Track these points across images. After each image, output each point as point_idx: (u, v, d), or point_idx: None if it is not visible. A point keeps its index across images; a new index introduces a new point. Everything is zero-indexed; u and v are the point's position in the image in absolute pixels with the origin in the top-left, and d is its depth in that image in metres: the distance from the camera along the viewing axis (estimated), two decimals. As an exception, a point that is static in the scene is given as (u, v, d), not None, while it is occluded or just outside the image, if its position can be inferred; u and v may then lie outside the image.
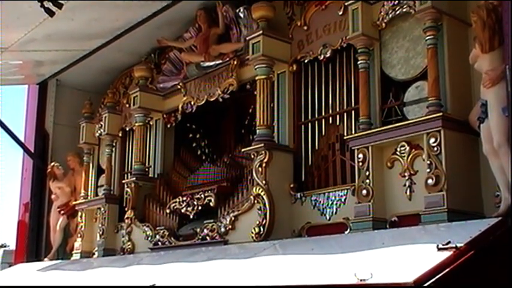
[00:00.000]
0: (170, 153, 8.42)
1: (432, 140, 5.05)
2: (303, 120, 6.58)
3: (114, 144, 9.01)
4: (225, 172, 7.12)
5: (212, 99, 7.52)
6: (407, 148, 5.34)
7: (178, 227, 7.39)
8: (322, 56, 6.36)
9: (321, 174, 6.28)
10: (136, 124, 8.33)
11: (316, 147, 6.41)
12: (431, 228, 4.78)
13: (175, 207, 7.40)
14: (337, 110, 6.28)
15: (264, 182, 6.26)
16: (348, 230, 5.69)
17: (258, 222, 6.22)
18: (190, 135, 8.67)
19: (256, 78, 6.65)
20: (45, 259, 9.51)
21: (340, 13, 6.20)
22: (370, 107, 5.73)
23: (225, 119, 8.52)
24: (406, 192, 5.31)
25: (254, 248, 5.83)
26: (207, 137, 8.70)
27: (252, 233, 6.23)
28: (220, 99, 7.44)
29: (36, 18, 7.46)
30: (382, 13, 5.76)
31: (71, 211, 9.48)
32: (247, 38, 6.76)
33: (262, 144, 6.34)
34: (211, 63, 7.57)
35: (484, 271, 4.11)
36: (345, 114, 6.19)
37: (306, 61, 6.57)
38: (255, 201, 6.30)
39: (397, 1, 5.66)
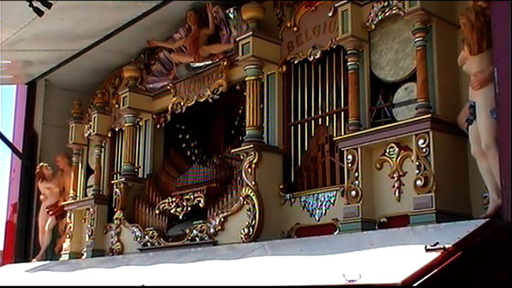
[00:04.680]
0: (160, 154, 8.41)
1: (421, 141, 5.07)
2: (292, 121, 6.59)
3: (103, 144, 8.99)
4: (215, 173, 7.11)
5: (202, 100, 7.51)
6: (396, 149, 5.36)
7: (168, 228, 7.37)
8: (312, 57, 6.37)
9: (310, 175, 6.29)
10: (126, 124, 8.31)
11: (306, 148, 6.42)
12: (420, 229, 4.80)
13: (164, 208, 7.39)
14: (327, 111, 6.30)
15: (253, 183, 6.26)
16: (337, 231, 5.71)
17: (247, 223, 6.22)
18: (180, 135, 8.67)
19: (246, 79, 6.65)
20: (34, 260, 9.47)
21: (330, 14, 6.22)
22: (360, 108, 5.74)
23: (214, 119, 8.52)
24: (394, 194, 5.33)
25: (243, 249, 5.83)
26: (197, 137, 8.70)
27: (242, 233, 6.23)
28: (210, 100, 7.43)
29: (25, 18, 7.43)
30: (371, 15, 5.78)
31: (59, 212, 9.45)
32: (237, 39, 6.76)
33: (251, 145, 6.34)
34: (201, 64, 7.56)
35: (472, 272, 4.13)
36: (334, 115, 6.21)
37: (295, 62, 6.58)
38: (245, 202, 6.30)
39: (386, 3, 5.68)
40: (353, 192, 5.51)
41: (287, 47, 6.65)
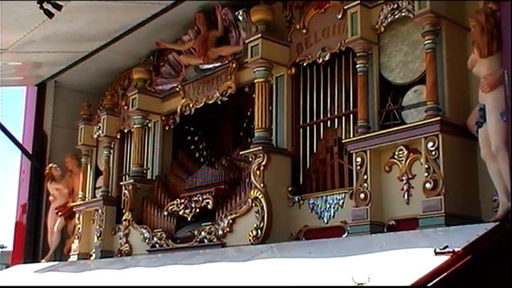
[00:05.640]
0: (168, 156, 8.42)
1: (430, 144, 5.06)
2: (301, 123, 6.58)
3: (112, 146, 9.01)
4: (223, 175, 7.11)
5: (211, 102, 7.52)
6: (405, 152, 5.35)
7: (176, 230, 7.38)
8: (321, 60, 6.36)
9: (319, 178, 6.28)
10: (135, 126, 8.33)
11: (314, 151, 6.41)
12: (429, 232, 4.79)
13: (173, 210, 7.40)
14: (336, 113, 6.29)
15: (261, 185, 6.26)
16: (346, 234, 5.70)
17: (255, 225, 6.22)
18: (189, 137, 8.67)
19: (255, 81, 6.65)
20: (43, 260, 9.50)
21: (339, 17, 6.20)
22: (369, 110, 5.73)
23: (223, 121, 8.53)
24: (403, 196, 5.31)
25: (252, 251, 5.83)
26: (205, 139, 8.70)
27: (250, 235, 6.22)
28: (219, 102, 7.44)
29: (35, 20, 7.46)
30: (380, 17, 5.77)
31: (68, 213, 9.48)
32: (246, 41, 6.76)
33: (260, 147, 6.34)
34: (210, 66, 7.58)
35: (482, 276, 4.12)
36: (343, 117, 6.20)
37: (304, 64, 6.57)
38: (253, 204, 6.29)
39: (396, 5, 5.67)
40: (362, 195, 5.51)
41: (296, 49, 6.65)
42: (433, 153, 5.04)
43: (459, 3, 5.46)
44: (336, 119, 6.27)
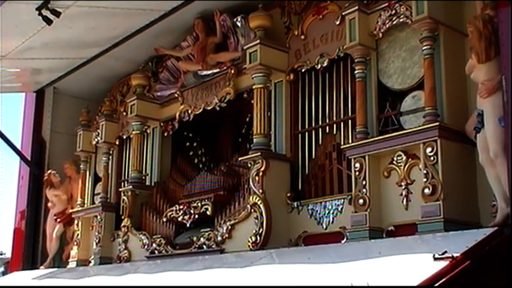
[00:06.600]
0: (167, 162, 8.42)
1: (429, 149, 5.07)
2: (299, 129, 6.59)
3: (111, 152, 9.01)
4: (222, 181, 7.11)
5: (209, 108, 7.53)
6: (404, 157, 5.35)
7: (175, 236, 7.38)
8: (319, 66, 6.38)
9: (318, 183, 6.29)
10: (134, 132, 8.34)
11: (313, 156, 6.42)
12: (428, 237, 4.79)
13: (172, 216, 7.39)
14: (334, 119, 6.30)
15: (260, 190, 6.26)
16: (345, 239, 5.69)
17: (254, 231, 6.21)
18: (188, 143, 8.68)
19: (254, 87, 6.66)
20: (41, 267, 9.49)
21: (337, 23, 6.22)
22: (367, 116, 5.74)
23: (222, 127, 8.53)
24: (402, 202, 5.32)
25: (251, 257, 5.83)
26: (204, 145, 8.71)
27: (249, 241, 6.22)
28: (218, 108, 7.45)
29: (34, 27, 7.47)
30: (379, 23, 5.79)
31: (67, 219, 9.47)
32: (245, 47, 6.78)
33: (259, 153, 6.34)
34: (209, 72, 7.59)
35: (481, 281, 4.12)
36: (342, 123, 6.21)
37: (303, 70, 6.59)
38: (252, 210, 6.29)
39: (393, 11, 5.69)
40: (361, 201, 5.51)
41: (294, 55, 6.66)
42: (432, 158, 5.05)
43: (457, 9, 5.48)
44: (335, 125, 6.28)
